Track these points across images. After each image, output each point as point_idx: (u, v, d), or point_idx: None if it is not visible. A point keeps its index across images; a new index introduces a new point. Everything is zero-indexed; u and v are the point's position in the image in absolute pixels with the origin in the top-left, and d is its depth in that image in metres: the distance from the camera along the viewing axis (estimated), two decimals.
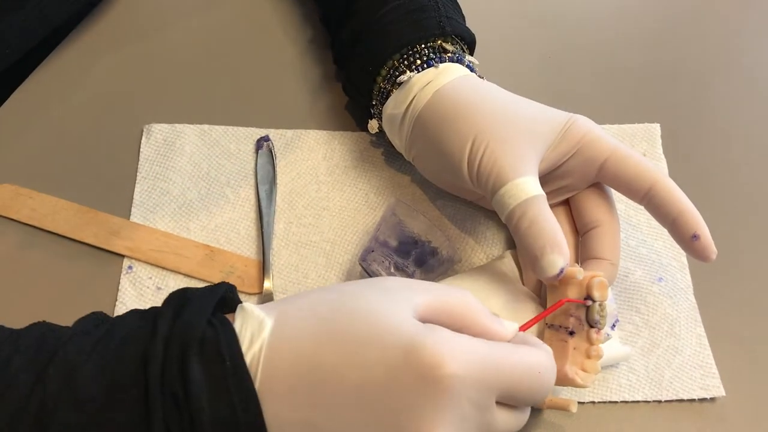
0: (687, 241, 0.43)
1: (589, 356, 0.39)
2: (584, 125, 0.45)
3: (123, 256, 0.50)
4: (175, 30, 0.63)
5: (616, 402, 0.46)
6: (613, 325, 0.45)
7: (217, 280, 0.49)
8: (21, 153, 0.55)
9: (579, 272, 0.40)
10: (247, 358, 0.32)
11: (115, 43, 0.62)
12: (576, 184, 0.47)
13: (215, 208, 0.53)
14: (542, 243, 0.41)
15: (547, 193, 0.44)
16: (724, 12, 0.69)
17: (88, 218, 0.51)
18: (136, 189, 0.53)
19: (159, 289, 0.49)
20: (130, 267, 0.50)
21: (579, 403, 0.46)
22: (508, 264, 0.47)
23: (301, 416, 0.32)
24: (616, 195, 0.47)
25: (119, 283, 0.49)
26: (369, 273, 0.48)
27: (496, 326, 0.36)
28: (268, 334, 0.33)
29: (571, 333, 0.40)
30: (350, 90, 0.56)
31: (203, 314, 0.33)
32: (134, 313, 0.36)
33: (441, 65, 0.49)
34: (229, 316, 0.35)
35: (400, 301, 0.34)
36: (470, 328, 0.36)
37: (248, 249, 0.51)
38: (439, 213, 0.53)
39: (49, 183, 0.53)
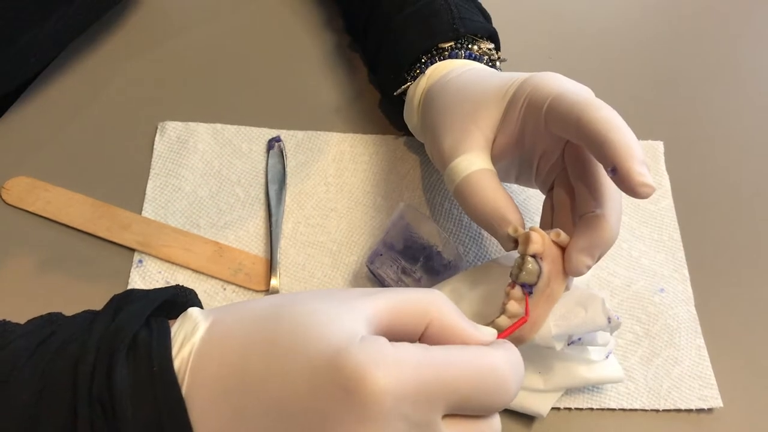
0: (609, 175, 0.37)
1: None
2: (531, 81, 0.42)
3: (134, 250, 0.51)
4: (191, 32, 0.64)
5: (614, 409, 0.46)
6: (608, 354, 0.45)
7: (225, 277, 0.50)
8: (37, 147, 0.55)
9: (513, 229, 0.40)
10: (176, 362, 0.30)
11: (132, 43, 0.63)
12: (552, 148, 0.42)
13: (225, 206, 0.54)
14: (489, 220, 0.40)
15: (539, 164, 0.43)
16: (728, 28, 0.70)
17: (101, 212, 0.52)
18: (148, 185, 0.54)
19: (168, 283, 0.50)
20: (140, 261, 0.50)
21: (577, 409, 0.46)
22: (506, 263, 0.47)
23: (224, 426, 0.29)
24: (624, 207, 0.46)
25: (129, 276, 0.50)
26: (376, 276, 0.49)
27: (470, 330, 0.31)
28: (198, 338, 0.30)
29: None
30: (386, 92, 0.58)
31: (141, 316, 0.31)
32: (87, 312, 0.34)
33: (428, 69, 0.50)
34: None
35: (349, 311, 0.30)
36: (438, 334, 0.31)
37: (256, 247, 0.52)
38: (446, 217, 0.54)
39: (64, 177, 0.54)
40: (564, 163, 0.43)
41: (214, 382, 0.29)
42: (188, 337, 0.31)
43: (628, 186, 0.35)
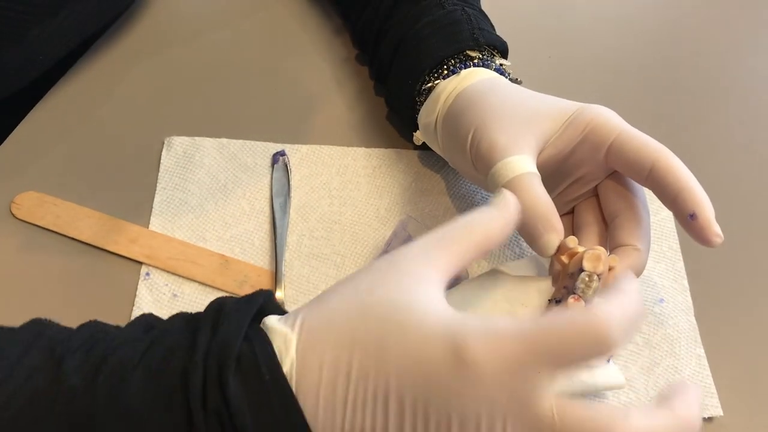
0: (685, 222, 0.41)
1: None
2: (593, 111, 0.44)
3: (141, 263, 0.52)
4: (197, 47, 0.65)
5: None
6: (608, 358, 0.45)
7: (231, 289, 0.51)
8: (46, 162, 0.57)
9: (571, 240, 0.40)
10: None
11: (137, 57, 0.64)
12: (594, 173, 0.46)
13: (231, 219, 0.55)
14: (534, 222, 0.40)
15: (570, 185, 0.45)
16: (729, 29, 0.70)
17: (109, 226, 0.53)
18: (155, 199, 0.55)
19: (175, 296, 0.51)
20: (147, 274, 0.51)
21: None
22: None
23: (337, 421, 0.32)
24: None
25: (137, 288, 0.51)
26: None
27: (497, 220, 0.37)
28: (294, 351, 0.33)
29: (558, 301, 0.41)
30: (394, 103, 0.58)
31: (241, 328, 0.33)
32: (180, 318, 0.36)
33: (464, 71, 0.51)
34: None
35: (424, 285, 0.33)
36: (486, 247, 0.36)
37: (261, 259, 0.53)
38: None
39: (73, 191, 0.55)
40: (594, 191, 0.47)
41: (321, 385, 0.32)
42: (284, 352, 0.33)
43: (704, 234, 0.40)
